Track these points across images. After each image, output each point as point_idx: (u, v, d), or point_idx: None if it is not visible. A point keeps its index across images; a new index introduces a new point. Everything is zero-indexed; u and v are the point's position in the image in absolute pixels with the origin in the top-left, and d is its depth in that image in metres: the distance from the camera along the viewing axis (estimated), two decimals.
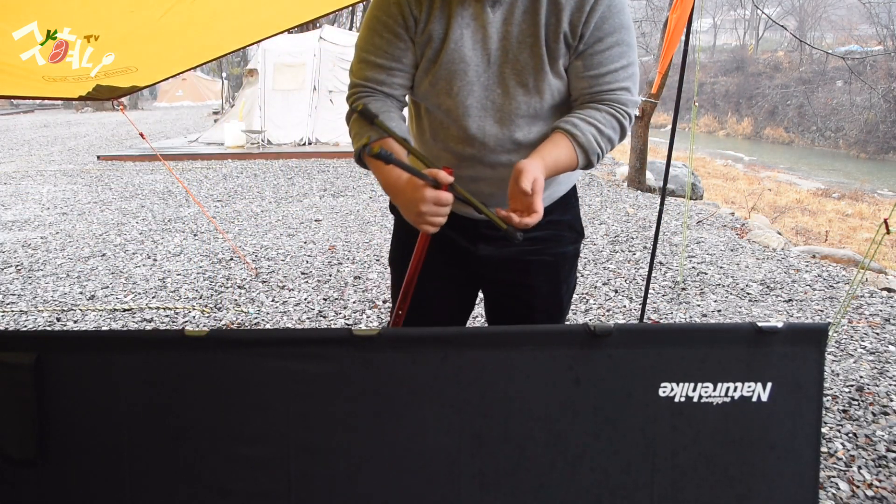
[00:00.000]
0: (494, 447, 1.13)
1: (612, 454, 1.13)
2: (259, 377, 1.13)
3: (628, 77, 1.24)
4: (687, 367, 1.12)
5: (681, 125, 5.19)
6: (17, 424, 1.14)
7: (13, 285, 4.17)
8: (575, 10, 1.19)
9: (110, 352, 1.14)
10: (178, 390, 1.14)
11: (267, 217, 6.16)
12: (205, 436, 1.14)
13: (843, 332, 3.29)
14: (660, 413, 1.13)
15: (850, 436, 2.29)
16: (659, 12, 16.10)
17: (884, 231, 2.38)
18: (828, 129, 23.07)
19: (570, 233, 1.45)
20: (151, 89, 27.62)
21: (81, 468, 1.15)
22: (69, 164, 10.23)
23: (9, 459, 1.14)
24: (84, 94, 2.65)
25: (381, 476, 1.13)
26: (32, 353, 1.13)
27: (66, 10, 2.10)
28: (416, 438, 1.13)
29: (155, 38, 2.45)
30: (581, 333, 1.11)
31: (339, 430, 1.13)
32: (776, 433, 1.14)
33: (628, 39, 1.22)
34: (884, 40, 24.46)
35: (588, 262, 4.57)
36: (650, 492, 1.13)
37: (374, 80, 1.28)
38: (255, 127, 11.19)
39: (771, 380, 1.13)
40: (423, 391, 1.13)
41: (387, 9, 1.24)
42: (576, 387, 1.12)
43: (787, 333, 1.12)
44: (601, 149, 1.22)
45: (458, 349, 1.12)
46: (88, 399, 1.14)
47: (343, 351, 1.12)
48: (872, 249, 2.50)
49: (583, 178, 8.48)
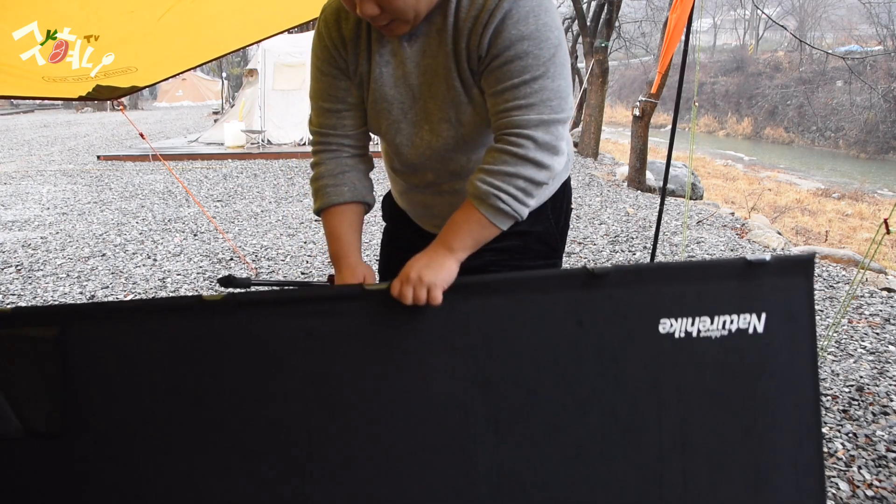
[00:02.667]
0: (505, 392, 1.14)
1: (619, 393, 1.15)
2: (276, 337, 1.15)
3: (530, 94, 1.09)
4: (683, 302, 1.14)
5: (681, 125, 5.16)
6: (43, 398, 1.14)
7: (13, 285, 4.17)
8: (472, 29, 1.10)
9: (129, 321, 1.15)
10: (197, 355, 1.15)
11: (267, 217, 6.16)
12: (225, 399, 1.15)
13: (843, 332, 3.29)
14: (662, 349, 1.15)
15: (850, 436, 2.29)
16: (659, 12, 16.11)
17: (884, 231, 2.38)
18: (828, 129, 23.07)
19: (539, 246, 1.37)
20: (151, 89, 27.63)
21: (106, 439, 1.15)
22: (69, 164, 10.23)
23: (35, 433, 1.15)
24: (84, 94, 2.65)
25: (398, 427, 1.15)
26: (55, 326, 1.13)
27: (66, 10, 2.10)
28: (428, 388, 1.15)
29: (155, 38, 2.45)
30: (581, 276, 1.14)
31: (355, 384, 1.15)
32: (774, 363, 1.16)
33: (533, 51, 1.08)
34: (884, 40, 24.46)
35: (588, 262, 4.57)
36: (658, 428, 1.15)
37: (327, 126, 1.30)
38: (255, 127, 11.19)
39: (764, 310, 1.15)
40: (433, 340, 1.14)
41: (320, 53, 1.26)
42: (579, 328, 1.14)
43: (775, 265, 1.15)
44: (499, 189, 1.11)
45: (464, 297, 1.14)
46: (111, 369, 1.15)
47: (356, 305, 1.14)
48: (872, 249, 2.50)
49: (583, 179, 8.49)
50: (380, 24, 1.12)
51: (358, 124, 1.30)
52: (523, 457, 1.15)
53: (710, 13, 35.93)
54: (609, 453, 1.15)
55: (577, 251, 4.84)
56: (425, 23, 1.15)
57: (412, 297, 1.10)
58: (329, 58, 1.25)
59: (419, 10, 1.10)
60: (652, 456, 1.16)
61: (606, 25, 10.07)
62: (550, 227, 1.38)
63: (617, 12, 10.33)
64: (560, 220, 1.40)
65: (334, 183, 1.28)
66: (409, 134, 1.24)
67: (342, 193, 1.28)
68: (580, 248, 4.95)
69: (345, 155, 1.30)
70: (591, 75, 10.38)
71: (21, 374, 1.14)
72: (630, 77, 31.47)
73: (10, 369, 1.14)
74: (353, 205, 1.29)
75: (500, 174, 1.11)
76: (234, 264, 4.56)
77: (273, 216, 6.19)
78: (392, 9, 1.08)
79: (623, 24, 16.54)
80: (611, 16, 10.03)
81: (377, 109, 1.25)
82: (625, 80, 32.31)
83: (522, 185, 1.11)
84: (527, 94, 1.09)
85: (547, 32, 1.08)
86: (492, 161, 1.12)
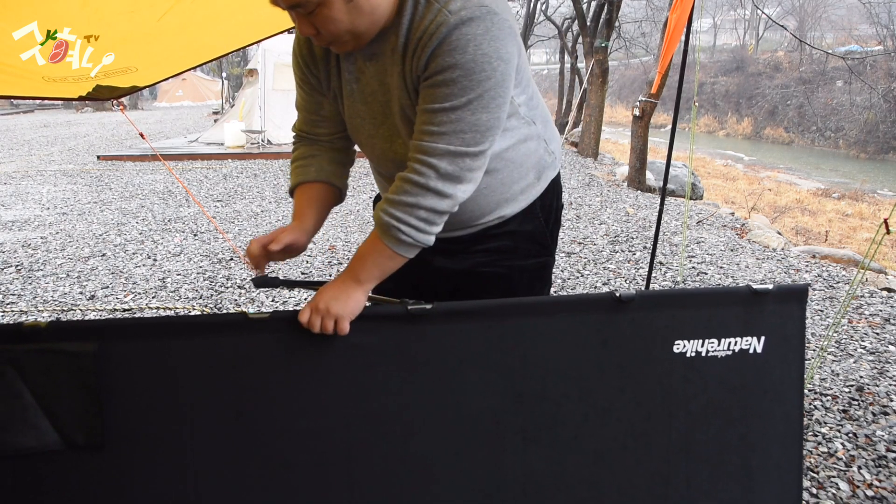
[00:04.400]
0: (534, 405, 1.24)
1: (635, 406, 1.26)
2: (320, 353, 1.19)
3: (445, 122, 1.07)
4: (696, 325, 1.26)
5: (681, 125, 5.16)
6: (82, 411, 1.15)
7: (13, 285, 4.17)
8: (415, 51, 1.10)
9: (171, 337, 1.17)
10: (238, 371, 1.18)
11: (267, 217, 6.16)
12: (265, 413, 1.19)
13: (843, 332, 3.29)
14: (674, 367, 1.27)
15: (850, 436, 2.29)
16: (659, 12, 16.11)
17: (884, 231, 2.38)
18: (828, 129, 23.07)
19: (530, 245, 1.38)
20: (151, 89, 27.63)
21: (144, 452, 1.18)
22: (69, 164, 10.23)
23: (74, 445, 1.16)
24: (84, 94, 2.65)
25: (434, 438, 1.22)
26: (94, 341, 1.15)
27: (66, 10, 2.10)
28: (464, 401, 1.23)
29: (155, 38, 2.45)
30: (608, 300, 1.24)
31: (395, 398, 1.21)
32: (769, 380, 1.30)
33: (461, 80, 1.05)
34: (884, 40, 24.45)
35: (588, 262, 4.57)
36: (668, 437, 1.28)
37: (305, 130, 1.38)
38: (255, 127, 11.19)
39: (764, 334, 1.29)
40: (471, 358, 1.22)
41: (295, 69, 1.33)
42: (603, 348, 1.25)
43: (776, 293, 1.29)
44: (399, 221, 1.11)
45: (500, 319, 1.22)
46: (149, 384, 1.18)
47: (399, 325, 1.20)
48: (872, 249, 2.50)
49: (583, 179, 8.48)
50: (322, 43, 1.14)
51: (334, 132, 1.36)
52: (548, 462, 1.25)
53: (710, 13, 35.95)
54: (623, 459, 1.27)
55: (577, 251, 4.84)
56: (382, 42, 1.16)
57: (320, 327, 1.13)
58: (302, 75, 1.32)
59: (356, 31, 1.10)
60: (660, 460, 1.28)
61: (606, 25, 10.07)
62: (540, 225, 1.38)
63: (617, 12, 10.32)
64: (550, 218, 1.40)
65: (303, 164, 1.34)
66: (384, 148, 1.27)
67: (308, 172, 1.33)
68: (580, 248, 4.95)
69: (321, 142, 1.37)
70: (591, 75, 10.38)
71: (59, 387, 1.15)
72: (630, 77, 31.46)
73: (47, 383, 1.15)
74: (318, 184, 1.33)
75: (402, 205, 1.11)
76: (234, 264, 4.56)
77: (273, 216, 6.19)
78: (325, 30, 1.09)
79: (623, 24, 16.54)
80: (611, 16, 10.02)
81: (353, 124, 1.29)
82: (625, 80, 32.31)
83: (424, 216, 1.11)
84: (441, 122, 1.08)
85: (483, 64, 1.05)
86: (395, 190, 1.13)
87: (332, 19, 1.07)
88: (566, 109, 15.92)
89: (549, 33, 20.41)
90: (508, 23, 1.09)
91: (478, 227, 1.34)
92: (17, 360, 1.13)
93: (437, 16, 1.07)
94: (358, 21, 1.08)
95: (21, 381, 1.14)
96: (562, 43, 16.66)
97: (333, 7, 1.05)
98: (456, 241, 1.36)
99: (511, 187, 1.31)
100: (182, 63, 2.91)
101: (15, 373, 1.13)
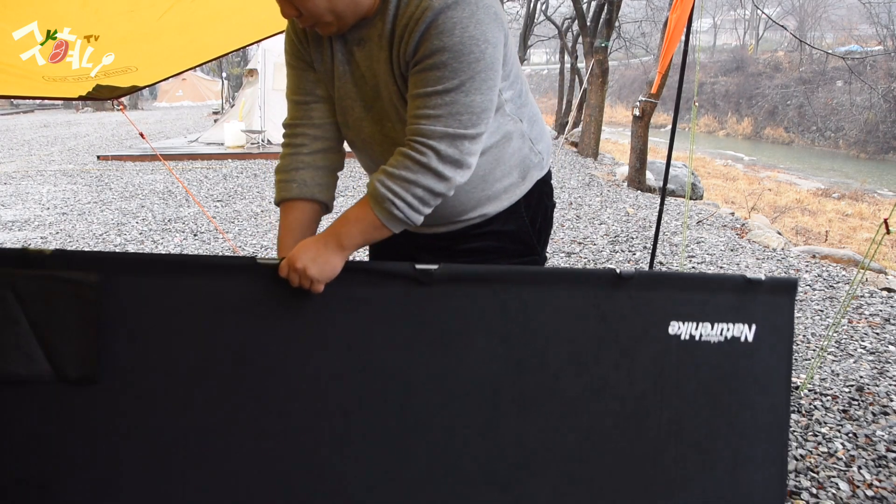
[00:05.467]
0: (532, 375, 1.25)
1: (629, 384, 1.27)
2: (324, 303, 1.19)
3: (440, 105, 1.09)
4: (691, 308, 1.28)
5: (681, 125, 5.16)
6: (78, 342, 1.13)
7: None
8: (402, 36, 1.12)
9: (177, 276, 1.16)
10: (241, 315, 1.18)
11: (267, 217, 6.16)
12: (265, 359, 1.19)
13: (843, 332, 3.29)
14: (669, 348, 1.28)
15: (850, 436, 2.29)
16: (659, 12, 16.11)
17: (884, 231, 2.38)
18: (828, 129, 23.07)
19: (514, 245, 1.37)
20: (151, 89, 27.63)
21: (139, 389, 1.16)
22: (69, 164, 10.23)
23: (65, 378, 1.14)
24: (84, 94, 2.65)
25: (432, 399, 1.22)
26: (98, 272, 1.13)
27: (66, 10, 2.10)
28: (464, 364, 1.23)
29: (155, 38, 2.45)
30: (609, 275, 1.25)
31: (396, 355, 1.22)
32: (758, 368, 1.32)
33: (451, 63, 1.07)
34: (884, 40, 24.46)
35: (588, 262, 4.57)
36: (658, 416, 1.29)
37: (296, 119, 1.32)
38: (255, 127, 11.19)
39: (755, 322, 1.31)
40: (474, 322, 1.23)
41: (288, 47, 1.31)
42: (602, 322, 1.26)
43: (768, 284, 1.31)
44: (395, 195, 1.11)
45: (506, 285, 1.23)
46: (150, 321, 1.16)
47: (405, 283, 1.20)
48: (872, 249, 2.50)
49: (583, 179, 8.48)
50: (305, 25, 1.15)
51: (325, 115, 1.31)
52: (542, 433, 1.26)
53: (710, 13, 35.94)
54: (615, 435, 1.28)
55: (577, 251, 4.84)
56: (369, 28, 1.17)
57: (297, 284, 1.14)
58: (295, 51, 1.29)
59: (338, 13, 1.11)
60: (650, 440, 1.29)
61: (606, 25, 10.07)
62: (524, 225, 1.37)
63: (617, 12, 10.33)
64: (537, 217, 1.39)
65: (285, 179, 1.31)
66: (373, 131, 1.26)
67: (290, 189, 1.30)
68: (580, 248, 4.95)
69: (304, 151, 1.31)
70: (591, 75, 10.37)
71: (58, 316, 1.12)
72: (630, 77, 31.46)
73: (46, 311, 1.12)
74: (300, 202, 1.30)
75: (401, 179, 1.11)
76: None
77: (273, 216, 6.19)
78: (307, 11, 1.10)
79: (623, 24, 16.54)
80: (611, 16, 10.03)
81: (343, 105, 1.27)
82: (625, 80, 32.30)
83: (420, 195, 1.12)
84: (436, 105, 1.09)
85: (472, 46, 1.07)
86: (395, 164, 1.12)
87: None
88: (566, 109, 15.92)
89: (549, 33, 20.40)
90: (493, 9, 1.11)
91: (460, 224, 1.34)
92: (17, 285, 1.10)
93: (422, 1, 1.08)
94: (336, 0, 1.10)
95: (19, 306, 1.11)
96: (562, 43, 16.66)
97: None
98: (440, 238, 1.36)
99: (493, 185, 1.30)
100: (182, 63, 2.91)
101: (14, 298, 1.10)
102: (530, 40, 17.86)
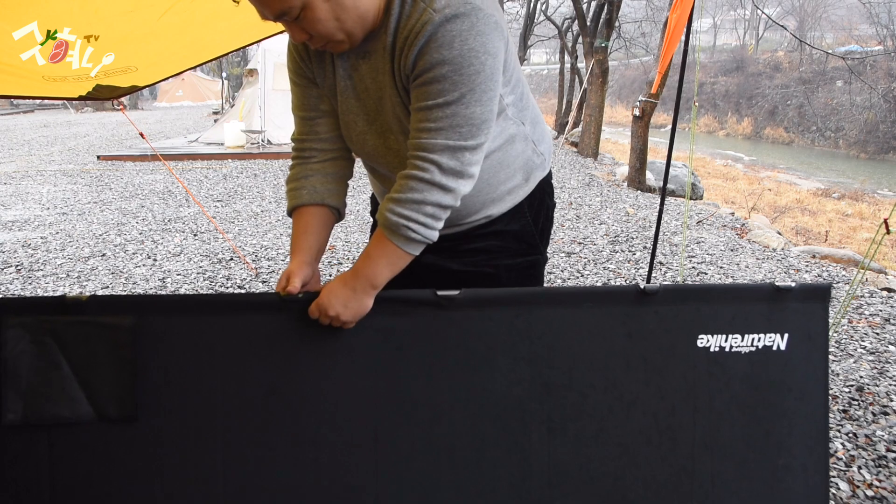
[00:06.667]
0: (560, 395, 1.25)
1: (660, 399, 1.27)
2: (349, 335, 1.22)
3: (441, 118, 1.09)
4: (720, 320, 1.27)
5: (681, 125, 5.15)
6: (117, 383, 1.19)
7: (13, 285, 4.17)
8: (402, 49, 1.12)
9: (205, 314, 1.21)
10: (270, 349, 1.22)
11: (267, 217, 6.16)
12: (295, 392, 1.22)
13: (843, 332, 3.29)
14: (698, 362, 1.27)
15: (850, 436, 2.30)
16: (659, 12, 16.11)
17: (884, 231, 2.38)
18: (828, 129, 23.07)
19: (517, 244, 1.38)
20: (151, 89, 27.63)
21: (176, 426, 1.21)
22: (69, 164, 10.23)
23: (106, 417, 1.20)
24: (84, 94, 2.65)
25: (460, 423, 1.24)
26: (132, 315, 1.19)
27: (66, 10, 2.10)
28: (491, 388, 1.24)
29: (155, 38, 2.45)
30: (633, 292, 1.25)
31: (422, 382, 1.23)
32: (792, 378, 1.30)
33: (451, 76, 1.07)
34: (884, 40, 24.46)
35: (588, 262, 4.57)
36: (692, 432, 1.28)
37: (303, 134, 1.35)
38: (255, 127, 11.19)
39: (787, 331, 1.29)
40: (498, 345, 1.24)
41: (290, 64, 1.32)
42: (628, 339, 1.26)
43: (798, 291, 1.29)
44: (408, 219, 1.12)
45: (529, 307, 1.24)
46: (183, 360, 1.21)
47: (428, 310, 1.23)
48: (872, 249, 2.50)
49: (583, 179, 8.48)
50: (316, 47, 1.15)
51: (331, 129, 1.34)
52: (573, 454, 1.26)
53: (710, 13, 35.96)
54: (648, 453, 1.27)
55: (577, 251, 4.84)
56: (374, 41, 1.17)
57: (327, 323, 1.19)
58: (297, 68, 1.31)
59: (348, 30, 1.12)
60: (685, 456, 1.28)
61: (606, 25, 10.07)
62: (527, 224, 1.39)
63: (617, 12, 10.32)
64: (539, 217, 1.40)
65: (295, 187, 1.33)
66: (377, 144, 1.27)
67: (301, 196, 1.32)
68: (580, 248, 4.95)
69: (313, 161, 1.34)
70: (591, 75, 10.37)
71: (96, 359, 1.19)
72: (630, 77, 31.47)
73: (85, 355, 1.19)
74: (312, 207, 1.32)
75: (409, 202, 1.12)
76: (234, 264, 4.56)
77: (273, 216, 6.19)
78: (315, 32, 1.11)
79: (623, 24, 16.53)
80: (611, 16, 10.02)
81: (346, 120, 1.29)
82: (625, 80, 32.31)
83: (431, 211, 1.13)
84: (437, 118, 1.10)
85: (472, 58, 1.07)
86: (400, 189, 1.14)
87: (317, 20, 1.09)
88: (566, 109, 15.91)
89: (549, 33, 20.39)
90: (494, 18, 1.10)
91: (465, 225, 1.35)
92: (58, 331, 1.18)
93: (422, 14, 1.09)
94: (343, 17, 1.10)
95: (60, 352, 1.18)
96: (562, 43, 16.65)
97: (316, 8, 1.07)
98: (444, 239, 1.36)
99: (498, 188, 1.31)
100: (182, 63, 2.91)
101: (55, 344, 1.18)
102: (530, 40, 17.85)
